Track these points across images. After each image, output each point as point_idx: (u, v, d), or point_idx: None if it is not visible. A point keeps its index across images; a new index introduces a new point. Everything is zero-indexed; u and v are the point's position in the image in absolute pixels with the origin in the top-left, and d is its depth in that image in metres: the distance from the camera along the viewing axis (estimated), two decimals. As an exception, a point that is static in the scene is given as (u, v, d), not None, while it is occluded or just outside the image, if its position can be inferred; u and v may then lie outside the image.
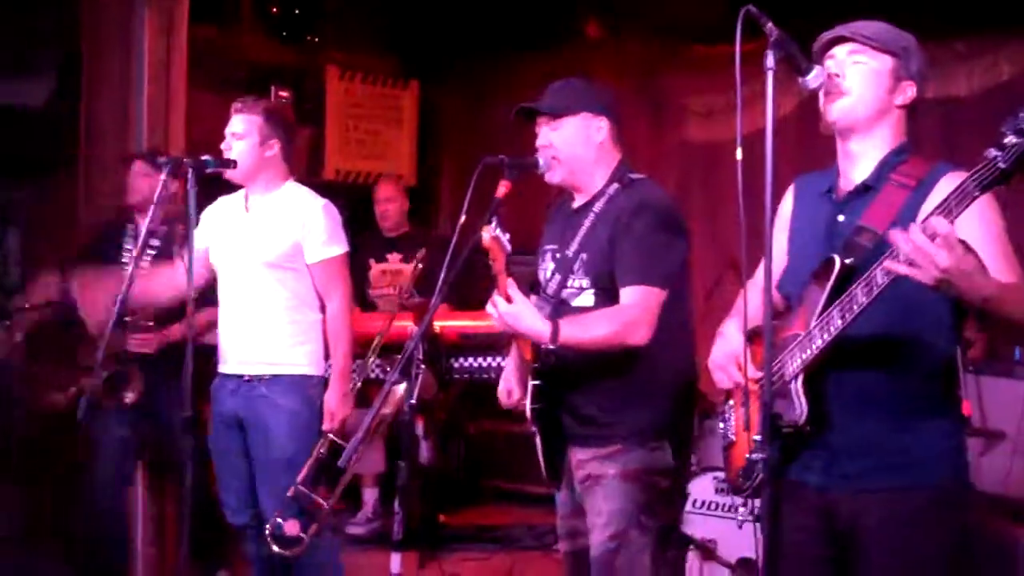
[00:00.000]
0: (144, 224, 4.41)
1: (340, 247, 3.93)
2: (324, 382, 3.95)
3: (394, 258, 6.01)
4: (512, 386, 3.33)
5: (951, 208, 1.97)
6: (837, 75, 2.39)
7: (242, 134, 3.85)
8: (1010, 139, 1.86)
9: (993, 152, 1.89)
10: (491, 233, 2.81)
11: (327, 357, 3.98)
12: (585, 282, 3.11)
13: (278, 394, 3.83)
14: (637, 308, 2.99)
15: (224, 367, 3.95)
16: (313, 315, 3.93)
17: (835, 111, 2.41)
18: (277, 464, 3.80)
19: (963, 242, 2.00)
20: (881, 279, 2.13)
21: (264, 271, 3.84)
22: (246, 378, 3.87)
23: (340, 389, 3.88)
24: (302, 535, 3.64)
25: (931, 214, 1.99)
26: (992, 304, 2.07)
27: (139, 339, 4.40)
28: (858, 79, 2.40)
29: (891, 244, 2.04)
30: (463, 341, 5.50)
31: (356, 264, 5.77)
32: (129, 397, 4.37)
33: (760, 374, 2.29)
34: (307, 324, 3.91)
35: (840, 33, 2.43)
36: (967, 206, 1.96)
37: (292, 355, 3.87)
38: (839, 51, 2.43)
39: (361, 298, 5.82)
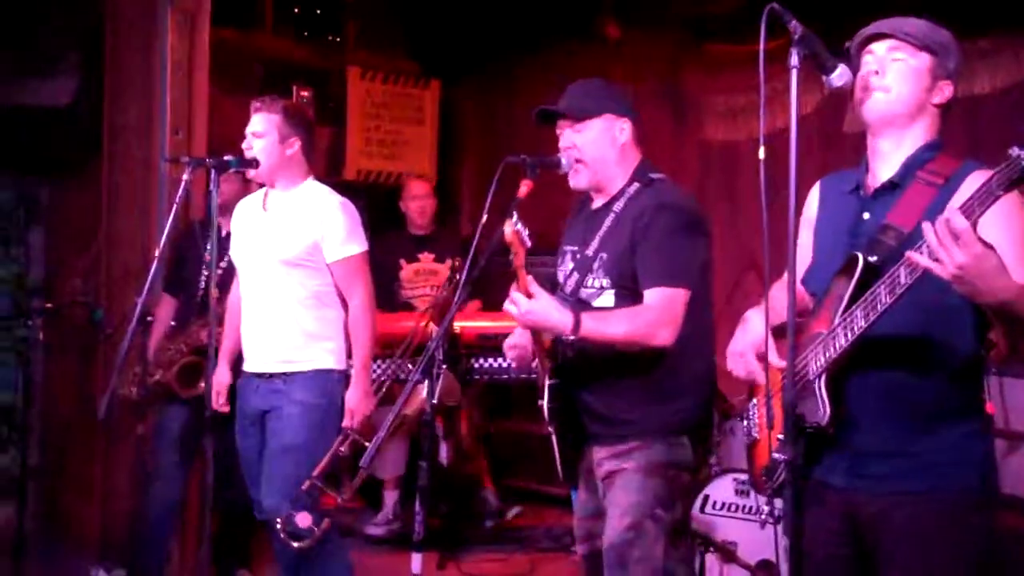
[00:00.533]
0: (225, 228, 4.49)
1: (359, 245, 3.94)
2: (346, 377, 3.97)
3: (426, 258, 6.00)
4: (518, 341, 3.27)
5: (974, 208, 1.95)
6: (876, 72, 2.38)
7: (262, 132, 3.87)
8: None
9: (1017, 150, 1.88)
10: (512, 227, 2.81)
11: (349, 354, 4.00)
12: (606, 282, 3.11)
13: (296, 389, 3.85)
14: (661, 309, 2.99)
15: (247, 365, 3.97)
16: (333, 312, 3.94)
17: (873, 107, 2.40)
18: (286, 450, 3.81)
19: (985, 242, 1.99)
20: (904, 278, 2.12)
21: (283, 269, 3.86)
22: (267, 375, 3.89)
23: (361, 387, 3.89)
24: (314, 527, 3.65)
25: (954, 209, 1.97)
26: (1010, 308, 2.06)
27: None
28: (898, 76, 2.38)
29: (919, 239, 2.03)
30: (482, 342, 5.51)
31: (385, 264, 5.79)
32: (202, 387, 4.35)
33: (782, 363, 2.28)
34: (327, 321, 3.92)
35: (881, 29, 2.42)
36: (990, 205, 1.95)
37: (312, 352, 3.88)
38: (878, 47, 2.41)
39: (389, 298, 5.83)
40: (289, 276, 3.86)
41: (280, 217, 3.91)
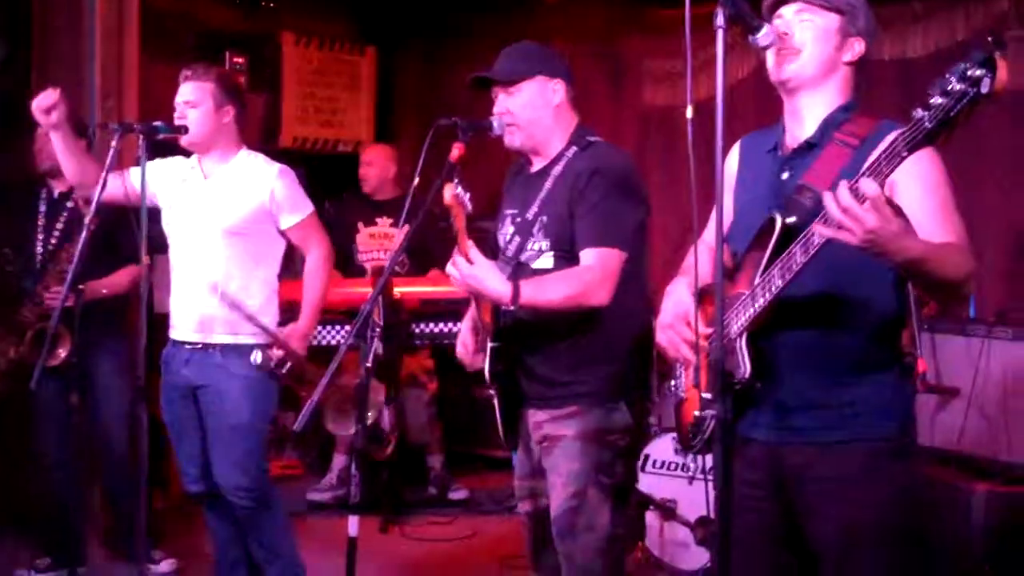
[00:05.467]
0: (57, 189, 4.53)
1: (307, 207, 3.95)
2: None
3: (383, 222, 5.97)
4: (467, 340, 3.33)
5: (881, 169, 1.99)
6: (786, 33, 2.41)
7: (196, 101, 3.82)
8: (936, 99, 1.88)
9: (920, 112, 1.91)
10: (453, 191, 2.80)
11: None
12: (544, 244, 3.12)
13: (234, 363, 3.82)
14: (596, 270, 3.01)
15: (177, 334, 3.92)
16: (270, 284, 3.93)
17: (786, 70, 2.43)
18: (232, 430, 3.81)
19: (892, 204, 2.03)
20: (818, 239, 2.15)
21: (223, 239, 3.83)
22: (200, 346, 3.85)
23: (304, 326, 3.88)
24: None
25: (860, 175, 2.01)
26: (917, 266, 2.11)
27: (52, 294, 4.36)
28: (807, 36, 2.42)
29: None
30: (424, 307, 5.51)
31: (343, 226, 5.75)
32: (59, 356, 4.26)
33: (707, 331, 2.32)
34: (264, 292, 3.90)
35: None
36: (896, 166, 1.98)
37: (248, 324, 3.84)
38: (787, 11, 2.45)
39: (346, 261, 5.80)
40: (229, 246, 3.83)
41: (221, 187, 3.87)
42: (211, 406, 3.85)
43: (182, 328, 3.91)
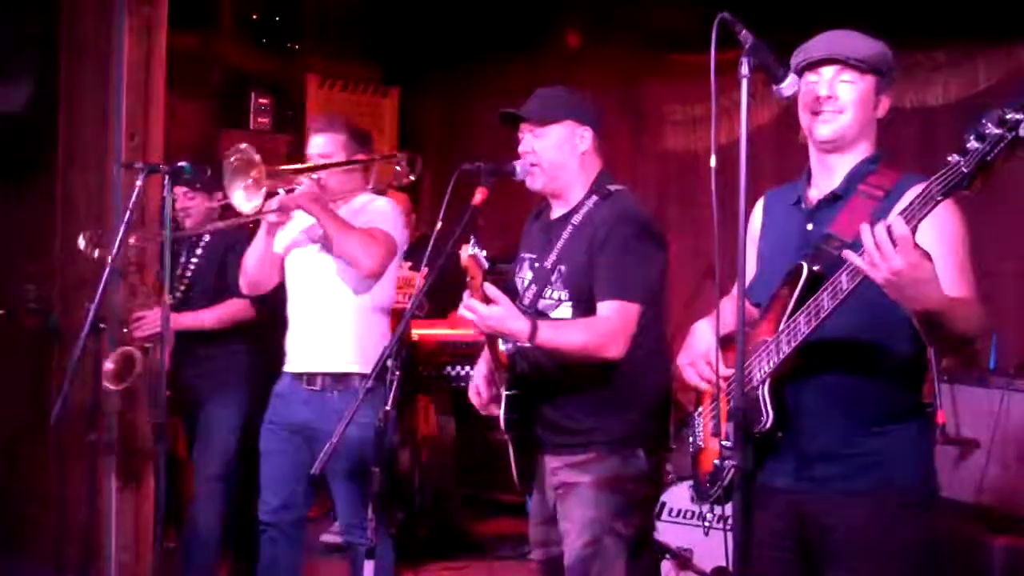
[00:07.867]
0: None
1: (387, 227, 3.90)
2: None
3: (403, 266, 5.98)
4: (481, 387, 3.32)
5: (915, 212, 2.00)
6: (831, 97, 2.42)
7: (329, 153, 3.91)
8: (972, 144, 1.90)
9: (956, 157, 1.92)
10: (469, 252, 2.82)
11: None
12: (564, 294, 3.11)
13: (350, 407, 3.81)
14: (613, 322, 3.00)
15: (292, 367, 3.94)
16: (378, 316, 3.95)
17: (830, 130, 2.44)
18: (354, 475, 3.77)
19: (922, 250, 2.03)
20: (846, 284, 2.16)
21: (334, 271, 3.85)
22: (318, 388, 3.86)
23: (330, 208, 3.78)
24: None
25: (895, 215, 2.01)
26: (935, 317, 2.11)
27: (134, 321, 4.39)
28: (849, 99, 2.43)
29: (860, 248, 2.06)
30: (442, 349, 5.50)
31: None
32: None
33: (730, 371, 2.31)
34: (375, 324, 3.92)
35: (828, 55, 2.45)
36: (930, 210, 1.99)
37: (361, 355, 3.84)
38: (826, 71, 2.45)
39: None
40: (342, 279, 3.86)
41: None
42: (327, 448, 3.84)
43: (297, 362, 3.91)
